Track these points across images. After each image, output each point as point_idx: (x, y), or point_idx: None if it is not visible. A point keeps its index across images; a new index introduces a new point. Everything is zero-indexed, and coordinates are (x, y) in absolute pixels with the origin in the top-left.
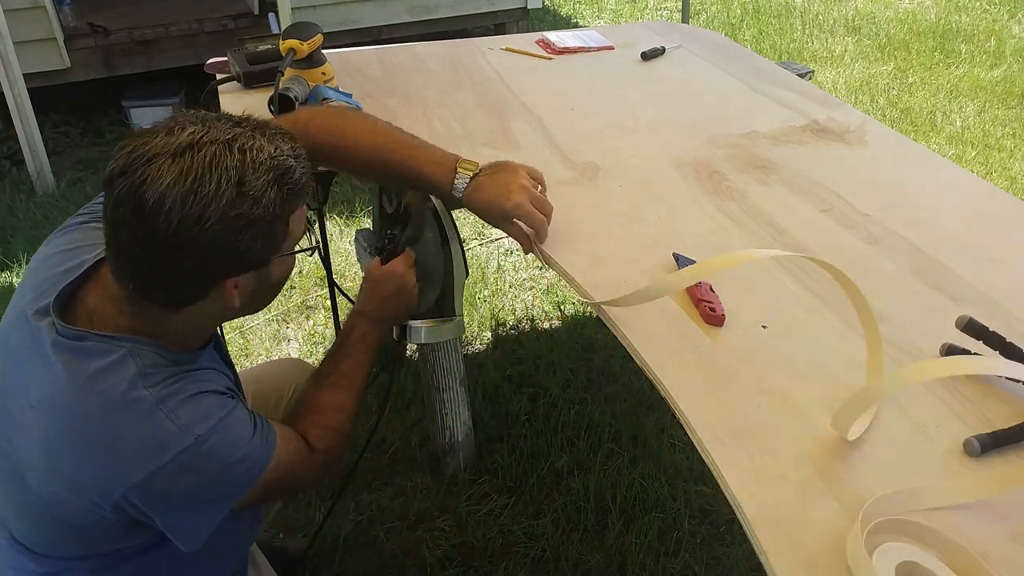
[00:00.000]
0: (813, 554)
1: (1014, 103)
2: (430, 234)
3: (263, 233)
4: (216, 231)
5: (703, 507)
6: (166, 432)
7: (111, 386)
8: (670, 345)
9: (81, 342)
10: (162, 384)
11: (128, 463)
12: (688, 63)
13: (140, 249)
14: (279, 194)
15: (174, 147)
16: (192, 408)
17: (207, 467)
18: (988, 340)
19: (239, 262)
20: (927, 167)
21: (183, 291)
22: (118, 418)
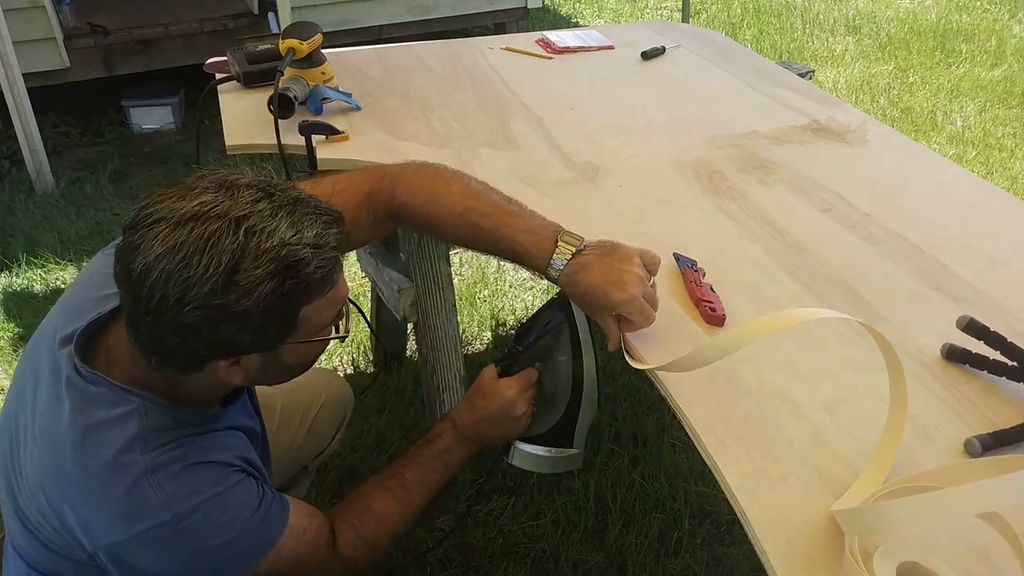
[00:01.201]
0: (813, 554)
1: (1015, 103)
2: (562, 357)
3: (252, 329)
4: (196, 316)
5: (703, 507)
6: (146, 503)
7: (107, 443)
8: (670, 345)
9: (94, 386)
10: (159, 450)
11: (102, 523)
12: (688, 63)
13: (130, 313)
14: (278, 289)
15: (179, 215)
16: (182, 482)
17: (181, 549)
18: (989, 340)
19: (224, 348)
20: (928, 167)
21: (174, 361)
22: (105, 476)
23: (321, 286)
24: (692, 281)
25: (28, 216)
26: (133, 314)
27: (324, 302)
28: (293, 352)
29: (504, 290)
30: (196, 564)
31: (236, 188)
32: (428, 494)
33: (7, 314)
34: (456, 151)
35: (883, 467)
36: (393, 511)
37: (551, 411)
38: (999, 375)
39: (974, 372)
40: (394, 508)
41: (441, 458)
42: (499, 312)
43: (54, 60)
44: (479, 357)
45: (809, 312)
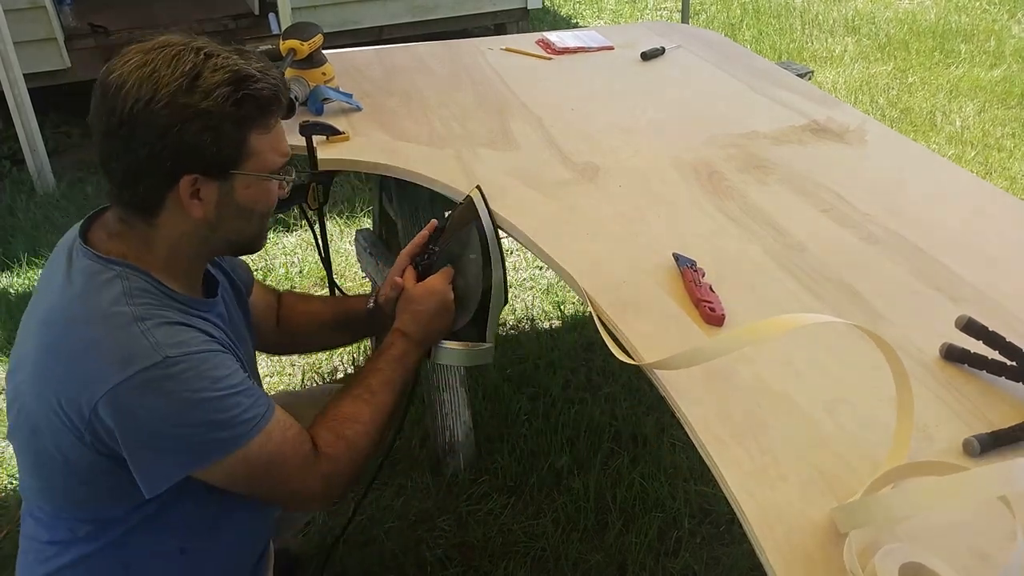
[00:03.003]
0: (812, 553)
1: (1014, 103)
2: (472, 255)
3: (212, 130)
4: (164, 115)
5: (703, 507)
6: (136, 346)
7: (97, 301)
8: (670, 345)
9: (85, 259)
10: (145, 305)
11: (96, 372)
12: (688, 63)
13: (103, 137)
14: (232, 95)
15: (148, 45)
16: (170, 333)
17: (173, 393)
18: (988, 340)
19: (188, 157)
20: (927, 167)
21: (143, 184)
22: (95, 328)
23: (268, 108)
24: (691, 281)
25: (29, 216)
26: (107, 132)
27: (269, 138)
28: (246, 189)
29: None
30: (191, 416)
31: (199, 37)
32: (393, 395)
33: (7, 314)
34: (456, 151)
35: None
36: (365, 411)
37: (465, 309)
38: (998, 375)
39: (973, 372)
40: (365, 409)
41: (399, 362)
42: None
43: (55, 60)
44: None
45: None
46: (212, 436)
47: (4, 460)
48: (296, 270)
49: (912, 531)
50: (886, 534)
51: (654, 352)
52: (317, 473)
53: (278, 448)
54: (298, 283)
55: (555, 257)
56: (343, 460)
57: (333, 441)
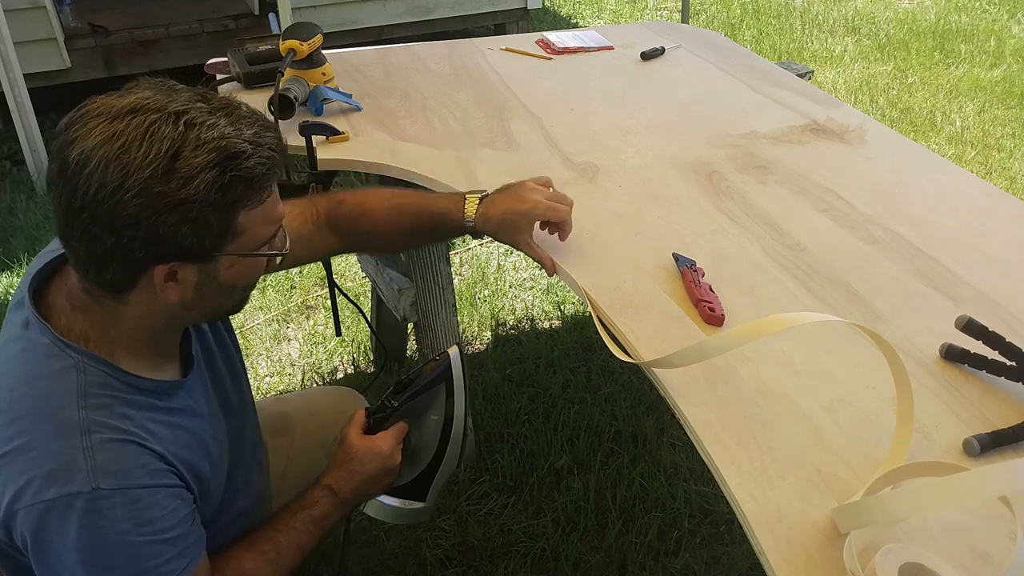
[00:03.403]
0: (812, 554)
1: (1014, 103)
2: (434, 417)
3: (192, 221)
4: (134, 206)
5: (703, 507)
6: (72, 465)
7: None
8: (670, 345)
9: (40, 336)
10: (100, 411)
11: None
12: (688, 63)
13: (63, 215)
14: (218, 179)
15: (116, 109)
16: (114, 457)
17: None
18: (988, 340)
19: (162, 249)
20: (927, 167)
21: (110, 271)
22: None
23: (260, 185)
24: (691, 281)
25: (29, 216)
26: (68, 212)
27: (262, 211)
28: (231, 268)
29: (504, 290)
30: (104, 556)
31: (173, 90)
32: (302, 557)
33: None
34: (456, 151)
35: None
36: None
37: (412, 466)
38: (998, 375)
39: (973, 372)
40: (267, 570)
41: (319, 524)
42: (499, 312)
43: (55, 60)
44: (479, 357)
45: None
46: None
47: None
48: (296, 270)
49: (912, 531)
50: (886, 534)
51: (654, 352)
52: None
53: None
54: (298, 282)
55: (554, 257)
56: None
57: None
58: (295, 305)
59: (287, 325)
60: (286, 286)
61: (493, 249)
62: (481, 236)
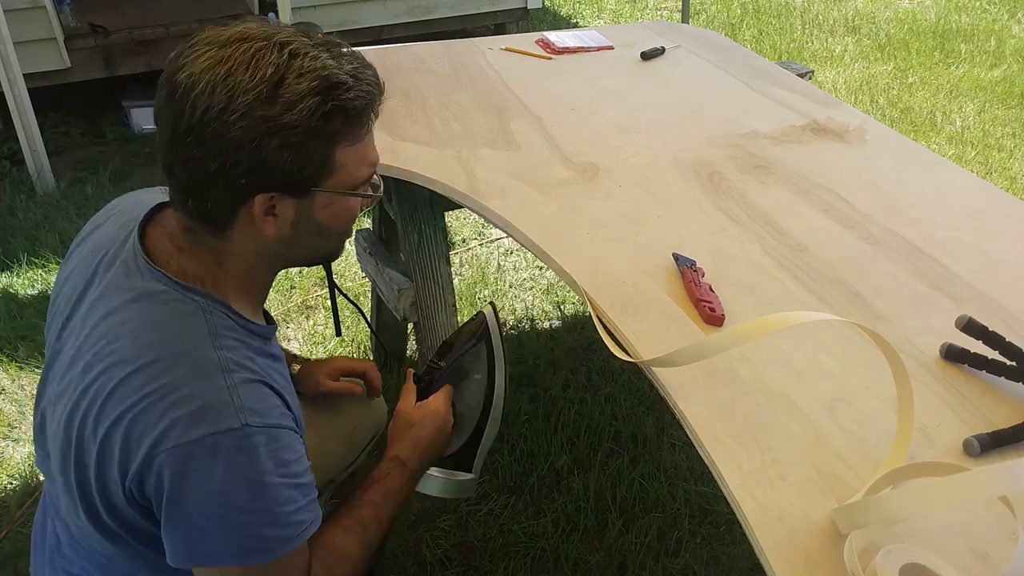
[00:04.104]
0: (813, 554)
1: (1014, 103)
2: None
3: (293, 147)
4: (239, 128)
5: (703, 507)
6: (218, 403)
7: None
8: (670, 345)
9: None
10: (232, 351)
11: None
12: (688, 63)
13: (168, 140)
14: (320, 107)
15: (223, 38)
16: (255, 396)
17: (240, 467)
18: (988, 340)
19: (263, 176)
20: (927, 167)
21: (211, 199)
22: (177, 370)
23: (359, 120)
24: (691, 281)
25: (29, 216)
26: (173, 137)
27: (358, 151)
28: (327, 207)
29: (504, 290)
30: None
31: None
32: (381, 532)
33: (8, 314)
34: (456, 151)
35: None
36: (353, 549)
37: (459, 433)
38: (998, 375)
39: (973, 372)
40: (354, 546)
41: (393, 496)
42: (499, 312)
43: (55, 60)
44: None
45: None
46: (259, 531)
47: (3, 460)
48: (296, 270)
49: (912, 531)
50: (886, 535)
51: (654, 352)
52: None
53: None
54: (298, 282)
55: (555, 257)
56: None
57: None
58: (295, 305)
59: (287, 325)
60: (286, 286)
61: (493, 249)
62: None
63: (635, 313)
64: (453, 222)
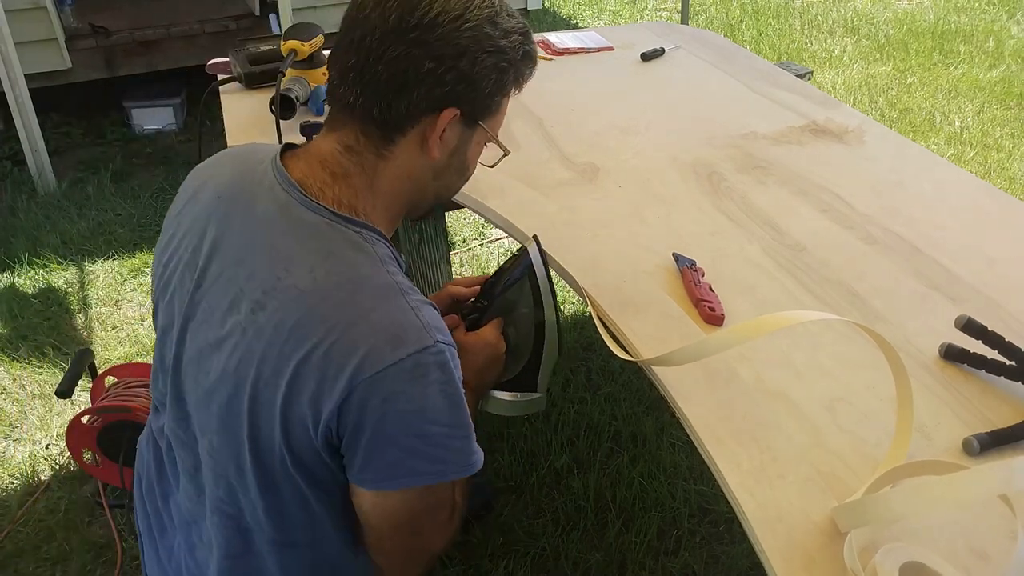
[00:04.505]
0: (812, 553)
1: (1013, 103)
2: (525, 309)
3: (500, 70)
4: (467, 38)
5: (702, 506)
6: (409, 324)
7: (354, 264)
8: (670, 345)
9: (316, 216)
10: (399, 276)
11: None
12: (687, 64)
13: (384, 33)
14: (523, 44)
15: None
16: (432, 314)
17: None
18: (987, 340)
19: (467, 88)
20: (926, 167)
21: (406, 100)
22: (363, 295)
23: (530, 73)
24: (691, 281)
25: (30, 216)
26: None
27: (508, 104)
28: (477, 145)
29: None
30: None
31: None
32: None
33: (9, 314)
34: None
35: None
36: None
37: (516, 360)
38: (997, 374)
39: (972, 371)
40: None
41: None
42: None
43: (56, 61)
44: None
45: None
46: (456, 444)
47: (4, 460)
48: None
49: (912, 530)
50: (886, 533)
51: (654, 352)
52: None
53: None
54: None
55: (555, 257)
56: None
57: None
58: None
59: None
60: None
61: (493, 249)
62: None
63: (635, 313)
64: (453, 222)
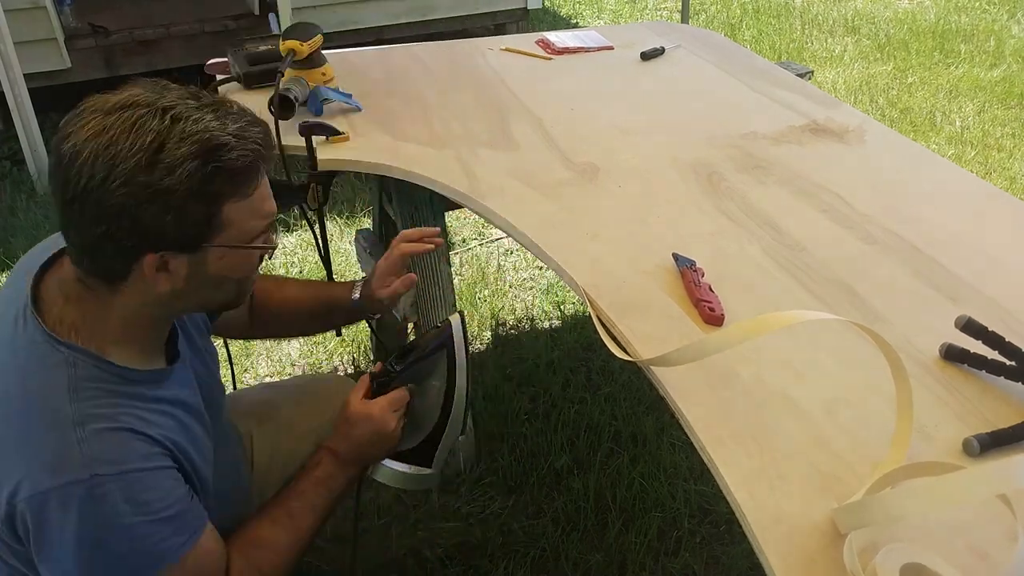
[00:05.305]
0: (812, 554)
1: (1013, 103)
2: (436, 383)
3: (175, 210)
4: (120, 195)
5: (702, 507)
6: (68, 455)
7: (40, 390)
8: (670, 345)
9: (33, 333)
10: (90, 402)
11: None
12: (687, 63)
13: (60, 207)
14: (200, 170)
15: (108, 105)
16: (108, 445)
17: (95, 514)
18: (987, 340)
19: (149, 238)
20: (926, 167)
21: (102, 260)
22: (32, 421)
23: (244, 178)
24: (691, 281)
25: (29, 216)
26: (63, 204)
27: (249, 205)
28: (221, 260)
29: (504, 290)
30: (104, 543)
31: (166, 88)
32: (314, 520)
33: None
34: (456, 151)
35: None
36: (282, 539)
37: (417, 430)
38: (997, 375)
39: (972, 372)
40: (283, 536)
41: (324, 485)
42: (499, 312)
43: (55, 60)
44: (479, 357)
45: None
46: (127, 562)
47: None
48: (296, 270)
49: (912, 531)
50: (886, 534)
51: (653, 352)
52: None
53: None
54: None
55: (555, 257)
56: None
57: (245, 570)
58: None
59: None
60: None
61: (493, 249)
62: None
63: (635, 313)
64: (453, 222)
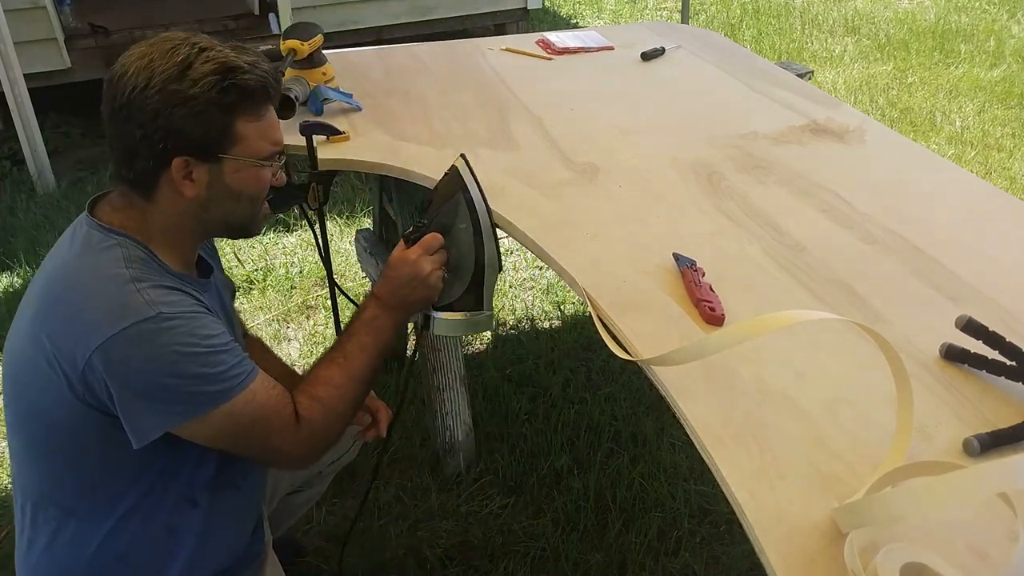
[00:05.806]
0: (813, 553)
1: (1013, 103)
2: (463, 225)
3: (198, 115)
4: (155, 100)
5: (703, 506)
6: (131, 301)
7: (96, 261)
8: (670, 345)
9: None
10: (143, 270)
11: (92, 324)
12: (688, 63)
13: (107, 121)
14: (218, 83)
15: (150, 40)
16: (164, 294)
17: (165, 346)
18: (988, 340)
19: (178, 139)
20: (926, 167)
21: (139, 163)
22: (93, 284)
23: (255, 99)
24: (691, 281)
25: (29, 216)
26: (111, 116)
27: (259, 127)
28: (236, 173)
29: (504, 290)
30: (181, 368)
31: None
32: (367, 358)
33: (8, 314)
34: (456, 151)
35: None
36: (337, 375)
37: (459, 279)
38: (998, 375)
39: (973, 372)
40: (337, 373)
41: (371, 325)
42: (499, 312)
43: (55, 60)
44: (479, 357)
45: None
46: (201, 389)
47: (4, 460)
48: (296, 270)
49: (912, 531)
50: (886, 534)
51: (654, 352)
52: (298, 435)
53: (262, 406)
54: (298, 282)
55: (555, 257)
56: (319, 422)
57: (309, 405)
58: (295, 305)
59: (287, 325)
60: (286, 286)
61: None
62: None
63: (635, 313)
64: None
